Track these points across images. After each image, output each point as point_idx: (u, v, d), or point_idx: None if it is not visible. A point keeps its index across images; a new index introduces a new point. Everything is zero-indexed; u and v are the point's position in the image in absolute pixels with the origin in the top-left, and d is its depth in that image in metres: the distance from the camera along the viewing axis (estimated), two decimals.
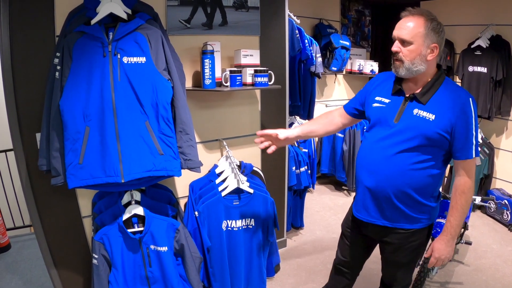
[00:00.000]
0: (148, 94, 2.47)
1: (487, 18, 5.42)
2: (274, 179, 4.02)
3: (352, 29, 6.73)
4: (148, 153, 2.49)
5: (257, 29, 3.54)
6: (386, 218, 2.33)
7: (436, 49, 2.11)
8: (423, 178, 2.20)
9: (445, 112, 2.11)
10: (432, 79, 2.18)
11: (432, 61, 2.15)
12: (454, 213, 2.20)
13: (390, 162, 2.23)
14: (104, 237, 2.74)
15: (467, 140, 2.10)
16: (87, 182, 2.43)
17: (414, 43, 2.10)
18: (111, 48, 2.43)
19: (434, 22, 2.09)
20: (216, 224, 3.14)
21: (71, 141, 2.40)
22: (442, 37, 2.13)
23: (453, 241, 2.25)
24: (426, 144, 2.15)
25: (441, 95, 2.15)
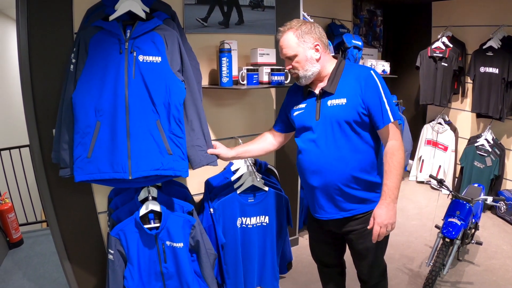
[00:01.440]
0: (161, 93, 2.48)
1: (499, 19, 5.41)
2: (288, 177, 4.03)
3: (364, 29, 6.72)
4: (157, 152, 2.49)
5: (273, 28, 3.56)
6: (343, 209, 2.41)
7: (318, 46, 2.29)
8: (362, 159, 2.31)
9: (353, 92, 2.24)
10: (333, 70, 2.33)
11: (322, 57, 2.31)
12: (389, 176, 2.23)
13: (327, 156, 2.33)
14: (121, 232, 2.75)
15: (381, 108, 2.20)
16: (93, 176, 2.44)
17: (298, 54, 2.28)
18: (128, 45, 2.44)
19: (303, 26, 2.28)
20: (231, 221, 3.15)
21: (81, 135, 2.41)
22: (318, 33, 2.30)
23: (394, 204, 2.24)
24: (350, 127, 2.26)
25: (345, 79, 2.29)
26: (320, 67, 2.31)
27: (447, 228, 3.51)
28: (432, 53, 5.94)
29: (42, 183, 2.86)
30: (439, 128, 6.32)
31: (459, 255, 4.03)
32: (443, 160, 6.32)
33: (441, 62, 5.83)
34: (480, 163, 5.43)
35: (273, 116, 3.77)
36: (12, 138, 6.21)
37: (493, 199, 3.67)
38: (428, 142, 6.54)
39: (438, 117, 6.37)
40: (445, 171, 6.30)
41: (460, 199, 3.72)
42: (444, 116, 6.35)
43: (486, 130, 5.54)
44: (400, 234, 4.74)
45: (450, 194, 3.79)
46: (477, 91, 5.49)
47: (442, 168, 6.33)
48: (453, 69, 5.80)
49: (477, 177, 5.42)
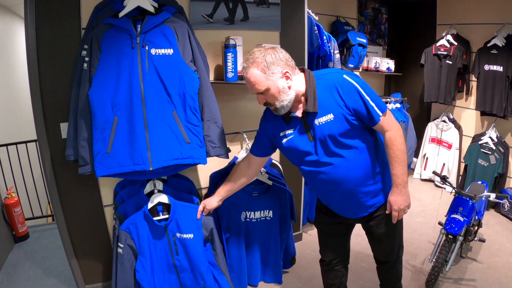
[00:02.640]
0: (176, 84, 2.54)
1: (503, 17, 5.38)
2: (292, 173, 4.03)
3: (368, 26, 6.70)
4: (175, 142, 2.56)
5: (278, 25, 3.58)
6: (369, 206, 2.45)
7: (288, 73, 2.18)
8: (367, 155, 2.31)
9: (335, 104, 2.18)
10: (306, 88, 2.23)
11: (293, 81, 2.22)
12: (394, 164, 2.25)
13: (337, 170, 2.30)
14: (131, 226, 2.78)
15: (367, 107, 2.17)
16: (115, 170, 2.50)
17: (269, 87, 2.18)
18: (139, 40, 2.49)
19: (267, 57, 2.16)
20: (235, 215, 3.19)
21: (100, 131, 2.47)
22: (283, 58, 2.19)
23: (405, 189, 2.29)
24: (346, 136, 2.23)
25: (322, 93, 2.21)
26: (294, 92, 2.22)
27: (450, 224, 3.51)
28: (437, 51, 5.93)
29: (50, 177, 2.90)
30: (444, 126, 6.30)
31: (462, 252, 4.02)
32: (447, 158, 6.31)
33: (446, 60, 5.82)
34: (484, 161, 5.42)
35: None
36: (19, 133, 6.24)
37: (496, 196, 3.67)
38: (432, 140, 6.52)
39: (443, 115, 6.36)
40: (449, 169, 6.29)
41: (463, 196, 3.71)
42: (449, 114, 6.33)
43: (490, 128, 5.52)
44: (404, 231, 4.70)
45: (453, 190, 3.79)
46: (482, 89, 5.47)
47: (446, 166, 6.32)
48: (457, 67, 5.77)
49: (481, 175, 5.40)
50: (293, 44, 3.77)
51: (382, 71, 6.38)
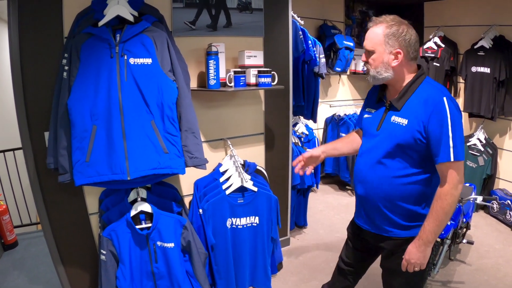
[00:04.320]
0: (154, 94, 2.53)
1: (490, 19, 5.43)
2: (278, 178, 4.06)
3: (356, 29, 6.74)
4: (154, 152, 2.55)
5: (261, 31, 3.58)
6: (379, 228, 2.32)
7: (400, 55, 2.08)
8: (408, 185, 2.16)
9: (417, 114, 2.06)
10: (407, 84, 2.13)
11: (400, 66, 2.11)
12: (429, 218, 2.07)
13: (373, 171, 2.24)
14: (113, 233, 2.78)
15: (442, 141, 2.00)
16: (93, 179, 2.49)
17: (375, 51, 2.11)
18: (118, 49, 2.49)
19: (394, 27, 2.06)
20: (221, 222, 3.18)
21: (78, 140, 2.47)
22: (407, 41, 2.07)
23: (425, 247, 2.11)
24: (402, 150, 2.12)
25: (415, 98, 2.10)
26: (393, 75, 2.12)
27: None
28: (424, 53, 5.94)
29: (35, 185, 2.89)
30: None
31: (450, 255, 4.03)
32: None
33: (433, 62, 5.84)
34: (473, 163, 5.43)
35: (262, 118, 3.81)
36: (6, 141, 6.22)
37: (483, 199, 3.67)
38: None
39: None
40: None
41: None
42: None
43: (478, 129, 5.54)
44: None
45: None
46: (469, 91, 5.50)
47: None
48: (445, 69, 5.79)
49: (470, 177, 5.40)
50: (278, 49, 3.78)
51: None
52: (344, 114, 6.06)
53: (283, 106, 3.98)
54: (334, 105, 6.33)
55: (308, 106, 4.75)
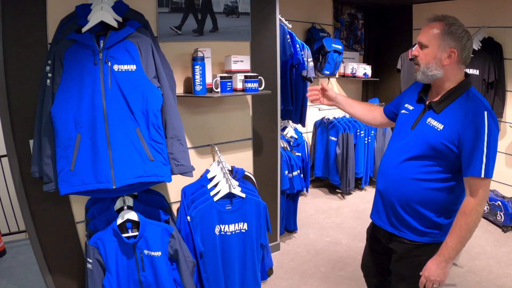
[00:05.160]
0: (139, 101, 2.50)
1: (479, 21, 5.45)
2: (267, 183, 4.05)
3: (345, 32, 6.75)
4: (139, 160, 2.52)
5: (248, 35, 3.56)
6: (393, 225, 2.30)
7: (454, 54, 2.04)
8: (428, 190, 2.14)
9: (454, 122, 2.03)
10: (452, 88, 2.10)
11: (450, 67, 2.08)
12: (452, 234, 2.04)
13: (396, 168, 2.23)
14: (99, 241, 2.75)
15: (474, 155, 1.96)
16: (78, 188, 2.46)
17: (429, 46, 2.09)
18: (102, 56, 2.45)
19: (453, 27, 2.05)
20: (209, 229, 3.16)
21: (63, 148, 2.43)
22: (463, 43, 2.04)
23: (446, 263, 2.06)
24: (431, 154, 2.10)
25: (457, 106, 2.07)
26: (443, 75, 2.09)
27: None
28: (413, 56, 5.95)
29: (20, 194, 2.86)
30: None
31: None
32: None
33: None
34: None
35: (250, 123, 3.79)
36: None
37: None
38: None
39: None
40: None
41: None
42: None
43: None
44: None
45: None
46: None
47: None
48: None
49: None
50: (265, 53, 3.77)
51: (359, 77, 6.45)
52: (333, 118, 6.06)
53: (271, 110, 3.97)
54: (323, 109, 6.32)
55: (297, 110, 4.75)
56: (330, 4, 6.47)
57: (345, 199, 6.03)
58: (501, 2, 5.28)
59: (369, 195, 6.23)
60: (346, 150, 5.84)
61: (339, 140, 5.84)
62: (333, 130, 5.93)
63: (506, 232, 4.87)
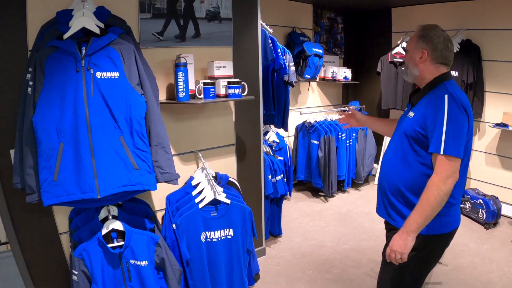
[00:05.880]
0: (122, 109, 2.47)
1: (457, 23, 5.54)
2: (251, 188, 4.05)
3: (325, 36, 6.78)
4: (123, 168, 2.49)
5: (230, 40, 3.55)
6: (388, 214, 2.45)
7: (424, 54, 2.27)
8: (413, 174, 2.27)
9: (422, 108, 2.23)
10: (427, 84, 2.30)
11: (424, 65, 2.30)
12: (415, 208, 2.15)
13: (387, 161, 2.45)
14: (84, 252, 2.71)
15: (434, 133, 2.12)
16: (62, 199, 2.41)
17: (409, 49, 2.38)
18: (84, 63, 2.42)
19: (425, 31, 2.30)
20: (195, 236, 3.13)
21: (45, 158, 2.39)
22: (434, 44, 2.26)
23: (407, 235, 2.16)
24: (409, 142, 2.27)
25: (427, 96, 2.26)
26: (418, 73, 2.32)
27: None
28: (393, 59, 6.03)
29: (2, 205, 2.80)
30: None
31: None
32: None
33: (402, 67, 5.91)
34: None
35: (233, 129, 3.77)
36: None
37: None
38: None
39: None
40: None
41: None
42: None
43: None
44: (368, 238, 4.78)
45: None
46: None
47: None
48: None
49: None
50: (247, 58, 3.76)
51: (339, 80, 6.48)
52: (315, 121, 6.06)
53: (254, 116, 3.96)
54: (304, 113, 6.32)
55: (279, 114, 4.74)
56: (310, 9, 6.49)
57: (328, 202, 6.04)
58: (478, 5, 5.37)
59: (352, 197, 6.27)
60: (328, 153, 5.87)
61: (321, 143, 5.86)
62: (315, 133, 5.94)
63: (488, 229, 4.95)
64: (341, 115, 3.13)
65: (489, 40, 5.32)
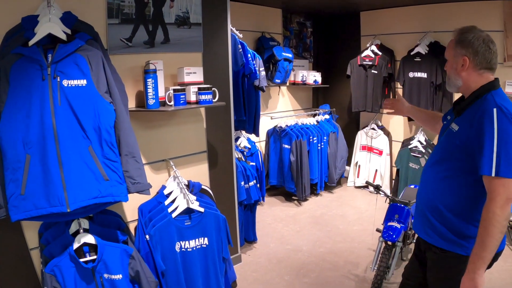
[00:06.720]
0: (90, 118, 2.40)
1: (425, 26, 5.66)
2: (224, 196, 4.01)
3: (294, 41, 6.81)
4: (93, 179, 2.41)
5: (200, 46, 3.51)
6: (426, 233, 2.28)
7: (466, 61, 2.08)
8: (452, 193, 2.14)
9: (467, 122, 2.06)
10: (474, 92, 2.11)
11: (467, 74, 2.11)
12: (476, 241, 1.96)
13: (425, 174, 2.33)
14: (56, 268, 2.62)
15: (484, 153, 1.93)
16: (30, 213, 2.32)
17: (448, 58, 2.20)
18: (50, 71, 2.34)
19: (463, 35, 2.10)
20: (169, 246, 3.08)
21: (11, 171, 2.30)
22: (474, 48, 2.06)
23: (474, 274, 1.95)
24: (450, 156, 2.14)
25: (473, 107, 2.08)
26: (462, 83, 2.13)
27: (387, 232, 3.57)
28: (362, 62, 6.09)
29: None
30: (373, 134, 6.48)
31: (402, 256, 4.08)
32: (379, 164, 6.49)
33: (371, 69, 6.01)
34: (415, 164, 5.62)
35: (204, 136, 3.74)
36: None
37: None
38: (363, 147, 6.69)
39: (371, 123, 6.56)
40: (382, 174, 6.47)
41: (397, 203, 3.77)
42: (377, 121, 6.53)
43: (419, 132, 5.76)
44: (343, 240, 4.79)
45: (388, 199, 3.83)
46: (407, 96, 5.70)
47: (379, 172, 6.50)
48: (383, 76, 6.00)
49: (413, 178, 5.60)
50: (217, 64, 3.73)
51: (309, 84, 6.53)
52: (286, 125, 6.06)
53: (225, 122, 3.94)
54: (275, 117, 6.34)
55: (250, 120, 4.72)
56: (279, 13, 6.52)
57: (302, 206, 6.04)
58: (445, 7, 5.49)
59: (325, 200, 6.30)
60: (300, 157, 5.87)
61: (293, 148, 5.86)
62: (286, 138, 5.94)
63: None
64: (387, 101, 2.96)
65: None
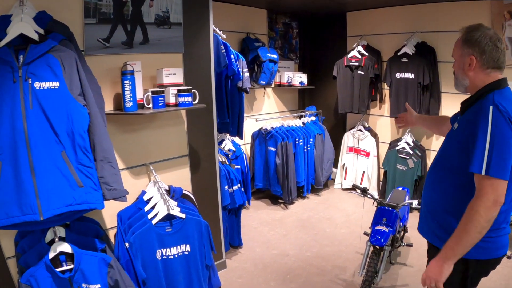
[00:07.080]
0: (63, 122, 2.32)
1: (412, 26, 5.66)
2: (207, 200, 3.95)
3: (279, 42, 6.81)
4: (67, 186, 2.33)
5: (181, 46, 3.44)
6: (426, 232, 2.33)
7: (473, 61, 2.05)
8: (452, 194, 2.13)
9: (465, 121, 2.08)
10: (476, 92, 2.09)
11: (474, 73, 2.09)
12: (453, 234, 1.99)
13: (429, 176, 2.33)
14: (31, 278, 2.53)
15: (475, 151, 1.93)
16: (2, 222, 2.24)
17: (455, 58, 2.18)
18: (21, 72, 2.25)
19: (469, 34, 2.08)
20: (150, 254, 3.00)
21: None
22: (481, 47, 2.03)
23: (442, 263, 1.99)
24: (450, 157, 2.15)
25: (475, 106, 2.05)
26: (469, 83, 2.11)
27: (375, 236, 3.53)
28: (348, 62, 6.07)
29: None
30: (360, 135, 6.45)
31: (391, 259, 4.07)
32: (366, 165, 6.46)
33: (358, 70, 6.00)
34: (403, 166, 5.61)
35: (185, 139, 3.67)
36: None
37: (418, 203, 3.69)
38: (350, 149, 6.66)
39: (358, 124, 6.53)
40: (369, 176, 6.44)
41: (385, 206, 3.73)
42: (364, 122, 6.52)
43: (406, 133, 5.75)
44: (330, 244, 4.75)
45: (375, 202, 3.79)
46: (394, 97, 5.71)
47: (366, 174, 6.47)
48: (369, 77, 6.00)
49: (401, 180, 5.59)
50: (199, 65, 3.68)
51: (295, 85, 6.51)
52: (271, 128, 6.01)
53: (207, 124, 3.88)
54: (260, 119, 6.28)
55: (234, 122, 4.69)
56: (264, 14, 6.50)
57: (288, 209, 6.00)
58: (432, 8, 5.49)
59: (312, 203, 6.25)
60: (285, 159, 5.81)
61: (278, 150, 5.81)
62: (272, 140, 5.88)
63: None
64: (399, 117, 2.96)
65: (444, 42, 5.41)
